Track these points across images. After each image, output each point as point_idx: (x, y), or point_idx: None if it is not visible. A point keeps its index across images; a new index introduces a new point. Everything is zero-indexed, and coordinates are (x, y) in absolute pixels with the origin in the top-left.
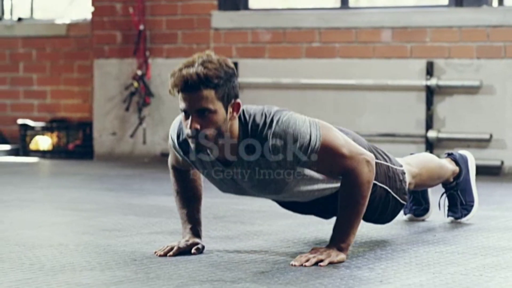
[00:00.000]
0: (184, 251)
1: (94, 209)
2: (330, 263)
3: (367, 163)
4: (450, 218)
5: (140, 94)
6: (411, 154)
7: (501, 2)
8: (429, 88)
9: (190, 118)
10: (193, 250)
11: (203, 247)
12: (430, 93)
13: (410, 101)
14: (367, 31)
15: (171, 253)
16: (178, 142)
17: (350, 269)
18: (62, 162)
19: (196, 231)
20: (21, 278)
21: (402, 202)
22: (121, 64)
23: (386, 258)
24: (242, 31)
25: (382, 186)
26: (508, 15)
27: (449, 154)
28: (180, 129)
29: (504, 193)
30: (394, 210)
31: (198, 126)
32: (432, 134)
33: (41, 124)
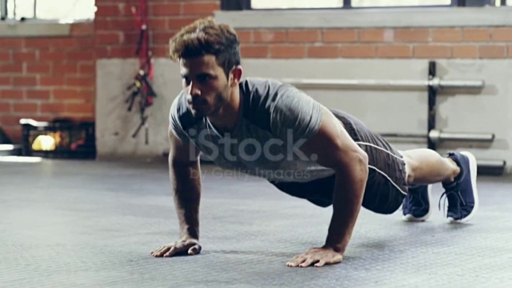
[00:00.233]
0: (180, 252)
1: (93, 209)
2: (326, 264)
3: (360, 162)
4: (450, 219)
5: (142, 94)
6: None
7: (503, 2)
8: (431, 88)
9: (191, 84)
10: (189, 251)
11: (200, 248)
12: (432, 93)
13: (412, 101)
14: (369, 31)
15: (168, 253)
16: (178, 116)
17: (346, 269)
18: (64, 162)
19: (193, 232)
20: (15, 278)
21: (403, 193)
22: (123, 64)
23: (383, 259)
24: (244, 31)
25: (380, 172)
26: (510, 15)
27: (450, 154)
28: (180, 103)
29: (505, 193)
30: (395, 199)
31: (199, 92)
32: (434, 134)
33: (43, 124)
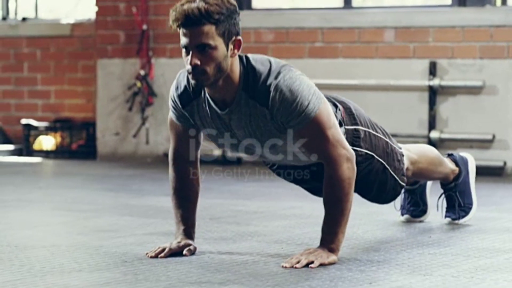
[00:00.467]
0: (176, 253)
1: (91, 209)
2: (321, 265)
3: (347, 160)
4: (448, 219)
5: (143, 94)
6: None
7: (504, 2)
8: (431, 88)
9: (191, 54)
10: (185, 252)
11: (195, 249)
12: (433, 93)
13: (413, 101)
14: (370, 31)
15: (163, 254)
16: (177, 95)
17: (341, 270)
18: (65, 162)
19: (188, 233)
20: (8, 279)
21: (401, 183)
22: (124, 64)
23: (378, 260)
24: (245, 31)
25: (379, 159)
26: (511, 15)
27: (449, 155)
28: (178, 83)
29: (504, 194)
30: (393, 189)
31: (198, 62)
32: (434, 134)
33: (44, 124)
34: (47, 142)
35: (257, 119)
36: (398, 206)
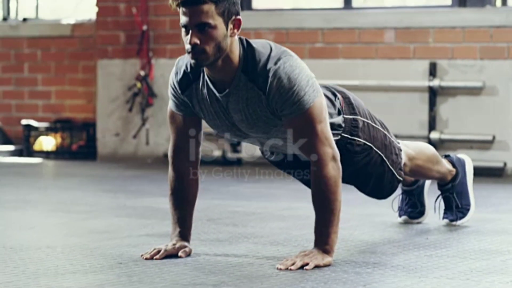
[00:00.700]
0: (171, 254)
1: (88, 210)
2: (316, 267)
3: (333, 158)
4: (445, 221)
5: (143, 95)
6: None
7: (504, 2)
8: (432, 89)
9: (190, 33)
10: (180, 253)
11: (191, 251)
12: (433, 94)
13: (413, 102)
14: (370, 32)
15: (158, 256)
16: (177, 80)
17: (336, 272)
18: (65, 163)
19: (184, 235)
20: (2, 281)
21: (399, 178)
22: (124, 64)
23: (374, 262)
24: (245, 31)
25: (377, 151)
26: (511, 16)
27: (446, 156)
28: (177, 69)
29: (503, 195)
30: (391, 183)
31: (198, 41)
32: (434, 135)
33: (45, 124)
34: (48, 142)
35: (254, 104)
36: (396, 208)
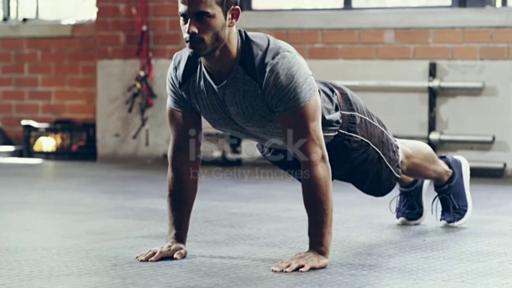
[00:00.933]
0: (166, 256)
1: (85, 212)
2: (312, 269)
3: (322, 159)
4: (443, 222)
5: (142, 95)
6: None
7: (504, 2)
8: (431, 89)
9: (188, 22)
10: (175, 255)
11: (186, 253)
12: (433, 94)
13: (413, 102)
14: (370, 32)
15: (153, 258)
16: (175, 74)
17: (331, 274)
18: (65, 164)
19: (180, 237)
20: None
21: (396, 175)
22: (124, 65)
23: (370, 264)
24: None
25: (374, 148)
26: (511, 16)
27: (442, 157)
28: (175, 62)
29: (503, 196)
30: (388, 180)
31: (196, 30)
32: (434, 136)
33: (44, 125)
34: (47, 143)
35: (250, 97)
36: (394, 209)
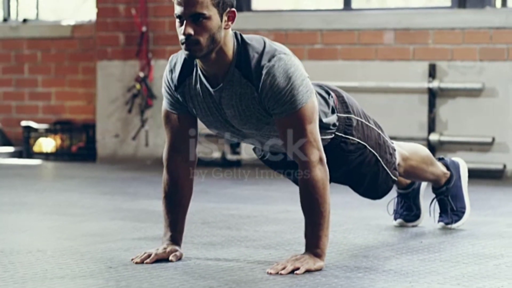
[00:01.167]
0: (161, 259)
1: (83, 213)
2: (308, 271)
3: (320, 161)
4: (441, 224)
5: (142, 96)
6: None
7: (504, 3)
8: (431, 90)
9: (184, 24)
10: (170, 257)
11: (181, 255)
12: (433, 95)
13: (412, 103)
14: (369, 33)
15: (148, 260)
16: (171, 77)
17: (327, 277)
18: (64, 165)
19: (175, 239)
20: None
21: (393, 178)
22: (124, 66)
23: (366, 266)
24: (244, 33)
25: (371, 150)
26: (511, 17)
27: (440, 159)
28: (171, 64)
29: (502, 197)
30: (385, 183)
31: (192, 32)
32: (434, 137)
33: (44, 126)
34: (47, 144)
35: (247, 100)
36: (391, 211)
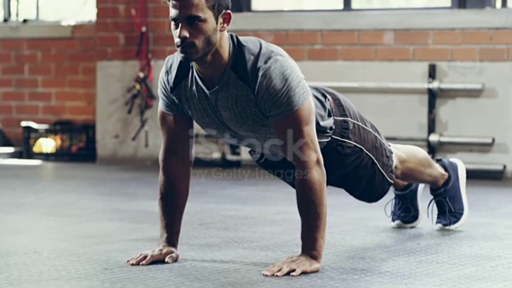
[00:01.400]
0: (157, 260)
1: (81, 214)
2: (304, 273)
3: (317, 163)
4: (439, 225)
5: (142, 97)
6: None
7: (504, 3)
8: (431, 91)
9: (179, 26)
10: (167, 259)
11: (178, 256)
12: (432, 96)
13: (412, 104)
14: (369, 33)
15: (144, 261)
16: (167, 78)
17: (322, 279)
18: (64, 165)
19: (171, 240)
20: None
21: (390, 180)
22: (124, 66)
23: (362, 268)
24: (244, 33)
25: (368, 153)
26: (511, 17)
27: (438, 160)
28: (167, 66)
29: (501, 199)
30: (381, 186)
31: (187, 34)
32: (434, 137)
33: (44, 126)
34: (47, 144)
35: (243, 102)
36: (389, 212)
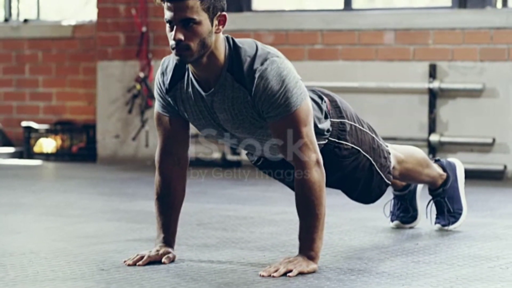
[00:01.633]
0: (154, 261)
1: (79, 214)
2: (301, 273)
3: (316, 163)
4: (437, 226)
5: (142, 97)
6: None
7: (505, 3)
8: (431, 91)
9: (175, 29)
10: (163, 260)
11: (174, 257)
12: (433, 96)
13: (413, 104)
14: (370, 33)
15: (141, 262)
16: (162, 80)
17: (319, 279)
18: (65, 165)
19: (168, 241)
20: None
21: (387, 181)
22: (124, 66)
23: (360, 269)
24: (244, 32)
25: (365, 155)
26: None
27: (436, 160)
28: (163, 67)
29: (501, 199)
30: (379, 187)
31: (182, 37)
32: (434, 137)
33: (45, 126)
34: (48, 144)
35: (239, 104)
36: (388, 213)
